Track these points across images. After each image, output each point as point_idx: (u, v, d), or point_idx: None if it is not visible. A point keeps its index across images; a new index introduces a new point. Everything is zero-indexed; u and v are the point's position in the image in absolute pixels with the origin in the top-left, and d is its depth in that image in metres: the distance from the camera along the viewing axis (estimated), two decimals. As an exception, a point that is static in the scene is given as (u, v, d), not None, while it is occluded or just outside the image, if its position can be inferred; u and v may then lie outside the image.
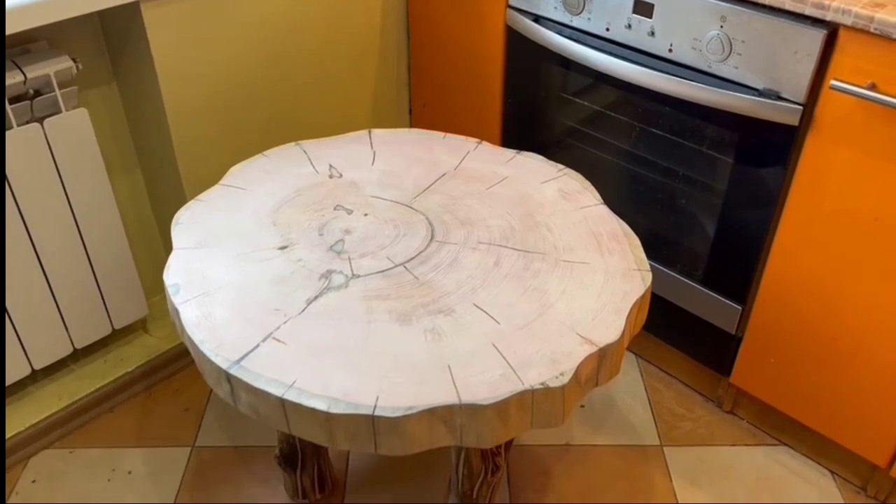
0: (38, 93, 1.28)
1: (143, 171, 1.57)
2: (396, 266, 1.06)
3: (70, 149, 1.33)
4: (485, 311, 0.99)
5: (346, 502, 1.37)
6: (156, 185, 1.57)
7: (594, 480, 1.41)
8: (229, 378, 0.91)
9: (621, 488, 1.40)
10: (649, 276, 1.05)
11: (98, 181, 1.39)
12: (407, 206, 1.19)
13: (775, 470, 1.43)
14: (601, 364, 0.96)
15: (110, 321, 1.53)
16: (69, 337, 1.47)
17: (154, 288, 1.70)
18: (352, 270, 1.06)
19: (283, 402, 0.88)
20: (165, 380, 1.61)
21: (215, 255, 1.08)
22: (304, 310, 0.99)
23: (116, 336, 1.61)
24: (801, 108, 1.14)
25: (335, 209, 1.17)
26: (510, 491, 1.39)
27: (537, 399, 0.89)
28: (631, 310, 0.99)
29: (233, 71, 1.48)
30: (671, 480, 1.41)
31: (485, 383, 0.89)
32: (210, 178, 1.52)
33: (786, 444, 1.47)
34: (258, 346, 0.94)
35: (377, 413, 0.86)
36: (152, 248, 1.65)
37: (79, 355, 1.56)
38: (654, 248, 1.47)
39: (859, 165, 1.12)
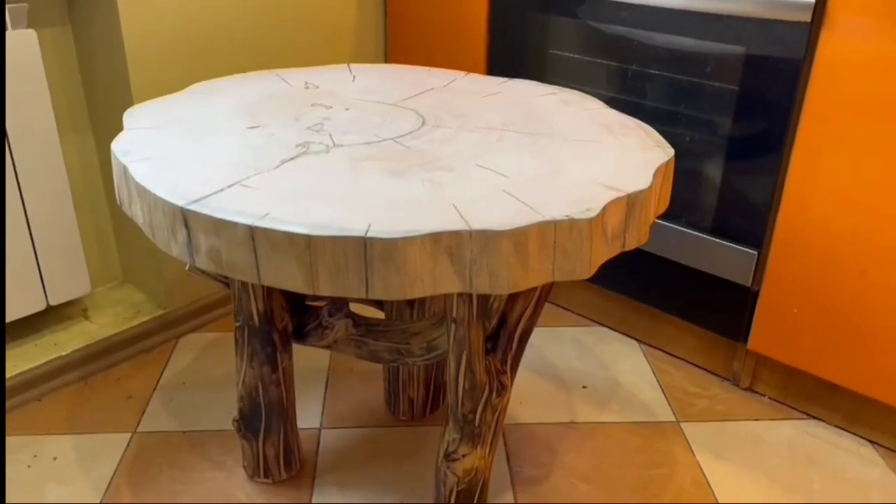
0: (-18, 6, 1.16)
1: (94, 132, 1.42)
2: (385, 140, 0.93)
3: (14, 74, 1.19)
4: (490, 170, 0.85)
5: (316, 492, 1.15)
6: (109, 150, 1.42)
7: (607, 455, 1.21)
8: (186, 219, 0.75)
9: (638, 462, 1.20)
10: (671, 151, 0.93)
11: (43, 119, 1.25)
12: (394, 105, 1.06)
13: (808, 441, 1.25)
14: (629, 217, 0.81)
15: (45, 295, 1.33)
16: (-5, 307, 1.27)
17: (99, 276, 1.51)
18: (333, 142, 0.92)
19: (252, 235, 0.72)
20: (105, 370, 1.40)
21: (175, 133, 0.94)
22: (278, 166, 0.84)
23: (52, 319, 1.41)
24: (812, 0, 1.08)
25: (312, 106, 1.04)
26: (509, 469, 1.19)
27: (560, 235, 0.74)
28: (657, 171, 0.87)
29: (202, 15, 1.38)
30: (694, 454, 1.22)
31: (498, 216, 0.74)
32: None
33: (815, 417, 1.30)
34: (222, 189, 0.78)
35: (370, 235, 0.69)
36: (100, 226, 1.48)
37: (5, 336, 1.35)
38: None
39: (880, 56, 1.05)
